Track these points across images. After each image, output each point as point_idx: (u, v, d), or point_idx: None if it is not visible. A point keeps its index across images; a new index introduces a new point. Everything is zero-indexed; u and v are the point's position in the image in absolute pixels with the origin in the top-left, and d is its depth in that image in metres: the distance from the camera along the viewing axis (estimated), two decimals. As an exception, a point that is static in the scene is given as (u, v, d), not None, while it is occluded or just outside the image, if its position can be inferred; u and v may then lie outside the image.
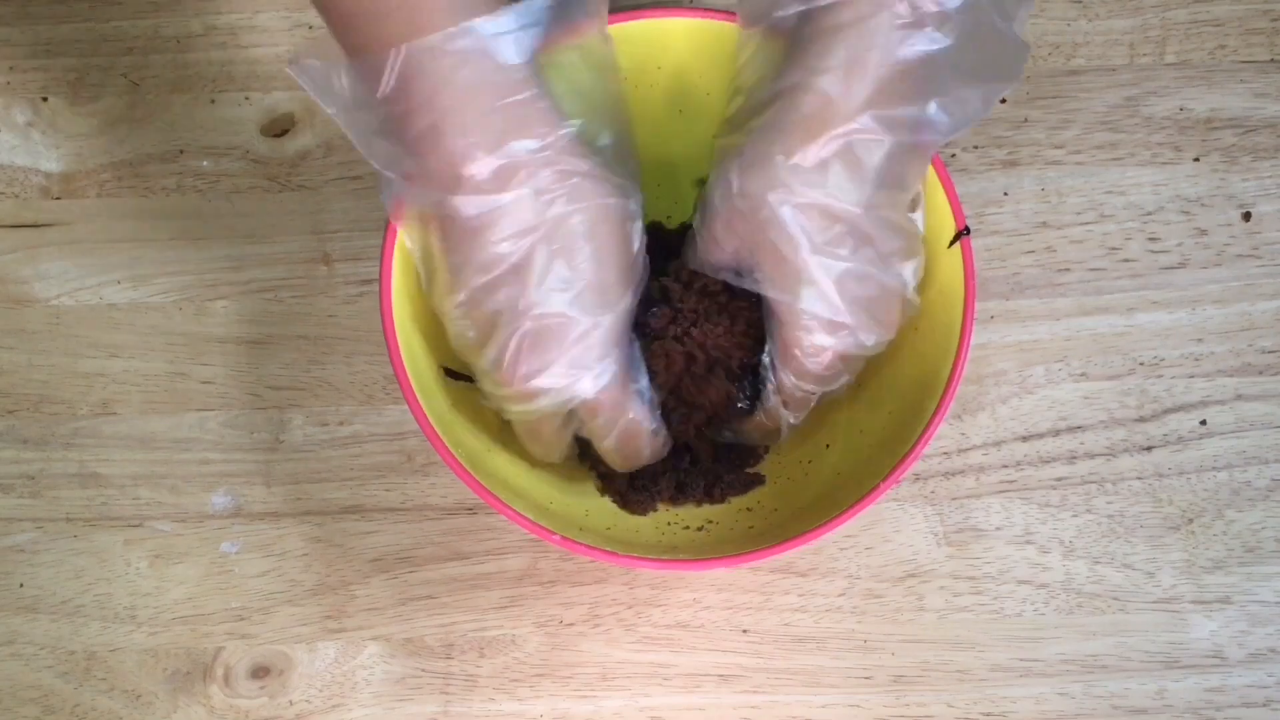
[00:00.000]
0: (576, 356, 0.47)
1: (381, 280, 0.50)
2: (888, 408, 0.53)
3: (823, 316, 0.48)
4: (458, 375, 0.54)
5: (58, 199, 0.62)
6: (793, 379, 0.50)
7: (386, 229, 0.49)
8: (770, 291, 0.48)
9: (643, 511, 0.54)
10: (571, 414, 0.50)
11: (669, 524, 0.54)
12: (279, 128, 0.63)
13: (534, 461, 0.54)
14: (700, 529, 0.54)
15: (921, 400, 0.50)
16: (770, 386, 0.51)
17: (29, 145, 0.63)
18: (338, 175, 0.62)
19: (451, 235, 0.46)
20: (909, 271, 0.49)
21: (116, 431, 0.59)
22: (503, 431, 0.55)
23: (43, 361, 0.60)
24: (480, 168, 0.44)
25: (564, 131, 0.45)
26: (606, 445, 0.51)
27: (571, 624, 0.56)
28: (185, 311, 0.61)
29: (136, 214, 0.62)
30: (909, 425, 0.49)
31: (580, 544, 0.47)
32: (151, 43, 0.64)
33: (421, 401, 0.49)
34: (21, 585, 0.57)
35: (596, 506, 0.55)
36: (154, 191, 0.62)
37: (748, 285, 0.49)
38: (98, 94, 0.63)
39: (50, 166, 0.62)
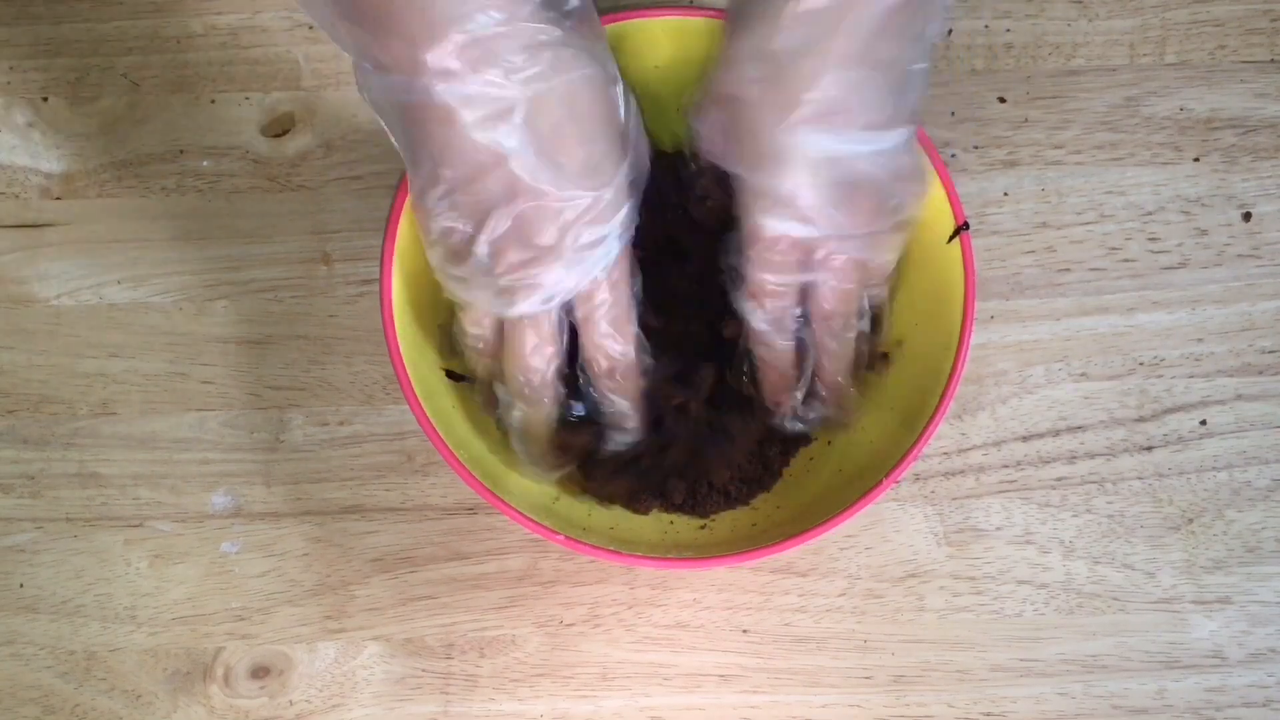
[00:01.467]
0: (574, 238, 0.45)
1: (382, 280, 0.50)
2: (889, 405, 0.53)
3: (785, 199, 0.46)
4: (458, 377, 0.54)
5: (58, 199, 0.62)
6: (757, 270, 0.48)
7: (387, 229, 0.50)
8: (736, 168, 0.47)
9: (644, 510, 0.54)
10: (562, 328, 0.48)
11: (670, 523, 0.54)
12: (279, 128, 0.63)
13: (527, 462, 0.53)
14: (702, 527, 0.54)
15: (922, 398, 0.50)
16: (739, 284, 0.49)
17: (29, 145, 0.63)
18: (338, 175, 0.62)
19: (425, 124, 0.44)
20: (896, 141, 0.46)
21: (116, 431, 0.59)
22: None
23: (43, 361, 0.60)
24: (442, 49, 0.42)
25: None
26: (595, 335, 0.49)
27: (571, 624, 0.56)
28: (185, 311, 0.61)
29: (136, 214, 0.62)
30: (910, 423, 0.50)
31: (584, 544, 0.47)
32: (151, 43, 0.64)
33: (423, 402, 0.49)
34: (21, 585, 0.57)
35: (599, 506, 0.55)
36: (154, 191, 0.62)
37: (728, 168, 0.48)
38: (98, 94, 0.63)
39: (50, 166, 0.62)
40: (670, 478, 0.53)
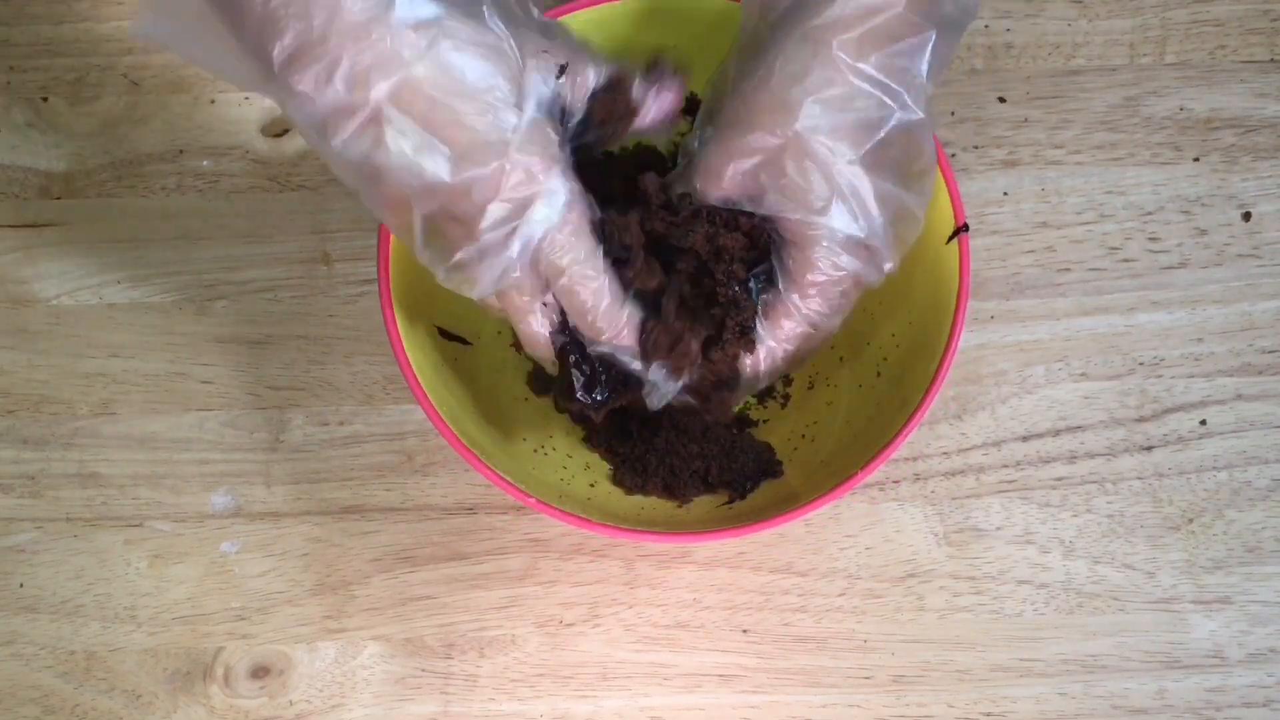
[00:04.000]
0: (489, 219, 0.44)
1: (380, 264, 0.50)
2: (877, 402, 0.53)
3: (851, 236, 0.46)
4: (451, 336, 0.54)
5: (58, 199, 0.62)
6: (804, 306, 0.48)
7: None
8: (791, 212, 0.46)
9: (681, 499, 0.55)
10: (537, 289, 0.47)
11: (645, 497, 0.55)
12: (279, 128, 0.63)
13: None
14: (679, 506, 0.54)
15: (906, 399, 0.50)
16: (761, 321, 0.49)
17: (29, 145, 0.63)
18: (338, 175, 0.62)
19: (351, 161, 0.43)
20: (928, 187, 0.47)
21: (116, 431, 0.59)
22: (491, 413, 0.55)
23: (43, 361, 0.60)
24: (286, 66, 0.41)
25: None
26: (563, 293, 0.47)
27: (571, 624, 0.56)
28: (185, 311, 0.61)
29: (136, 214, 0.62)
30: (892, 423, 0.50)
31: (559, 510, 0.48)
32: (151, 42, 0.64)
33: (417, 373, 0.49)
34: (21, 585, 0.57)
35: (603, 484, 0.55)
36: (154, 191, 0.62)
37: (752, 210, 0.47)
38: (98, 94, 0.63)
39: (50, 166, 0.62)
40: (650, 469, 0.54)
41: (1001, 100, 0.63)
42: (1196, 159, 0.62)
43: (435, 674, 0.56)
